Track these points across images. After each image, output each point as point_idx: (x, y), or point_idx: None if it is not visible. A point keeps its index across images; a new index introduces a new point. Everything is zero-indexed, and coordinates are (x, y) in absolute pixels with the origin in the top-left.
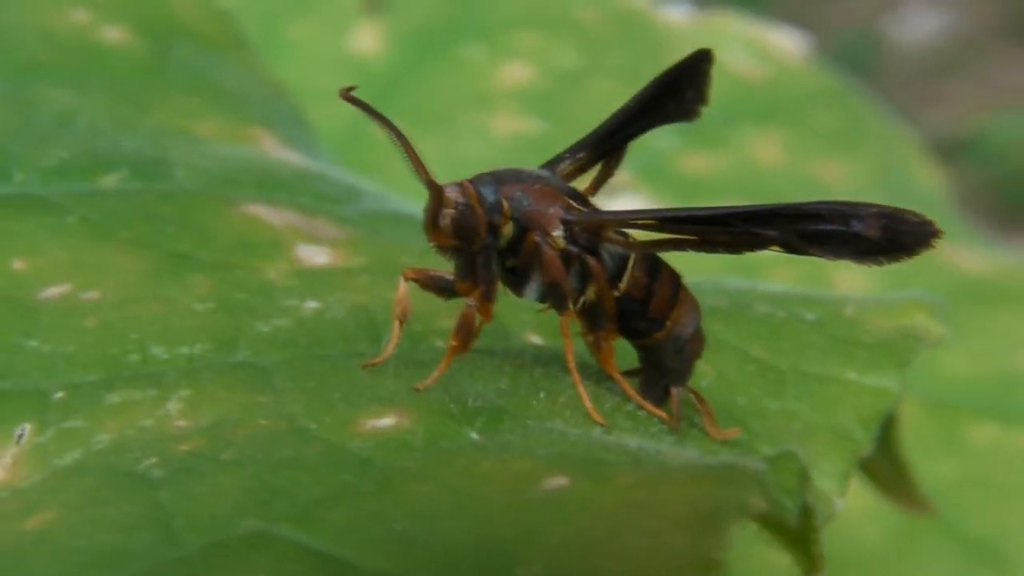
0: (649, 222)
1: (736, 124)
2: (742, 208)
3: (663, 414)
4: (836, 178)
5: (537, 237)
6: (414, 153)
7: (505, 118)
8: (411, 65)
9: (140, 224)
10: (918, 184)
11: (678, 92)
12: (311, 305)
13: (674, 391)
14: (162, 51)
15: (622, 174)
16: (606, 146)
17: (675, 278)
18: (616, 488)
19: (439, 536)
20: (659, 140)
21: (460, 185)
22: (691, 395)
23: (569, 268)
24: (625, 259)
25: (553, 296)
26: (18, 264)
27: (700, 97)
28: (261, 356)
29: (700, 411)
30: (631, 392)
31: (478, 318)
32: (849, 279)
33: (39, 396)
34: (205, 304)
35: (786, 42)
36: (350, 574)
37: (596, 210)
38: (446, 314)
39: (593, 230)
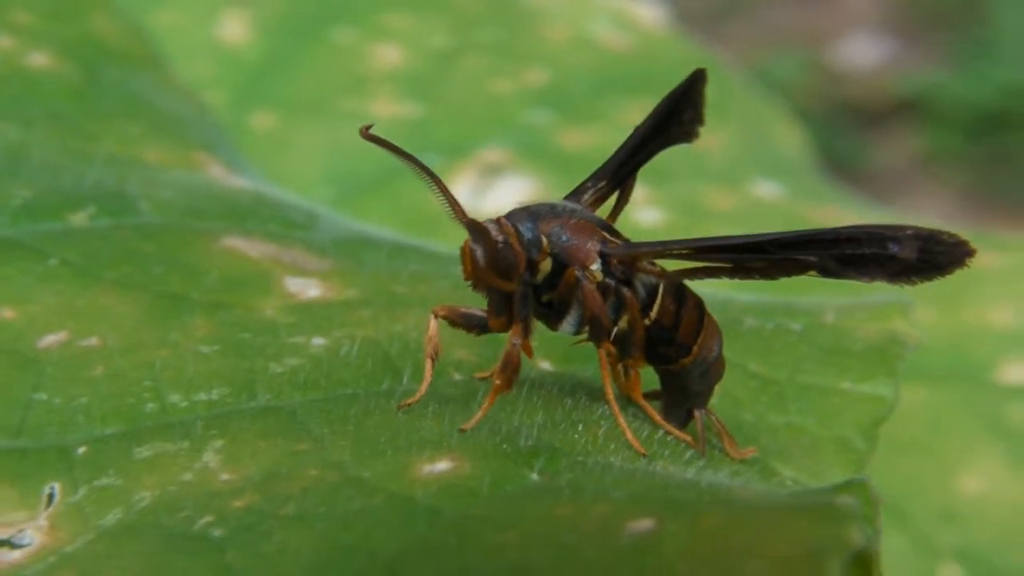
0: (684, 252)
1: (608, 96)
2: (780, 234)
3: (688, 438)
4: (712, 147)
5: (577, 272)
6: (448, 192)
7: (383, 102)
8: (282, 52)
9: (123, 264)
10: (784, 149)
11: (679, 114)
12: (319, 342)
13: (697, 414)
14: (91, 74)
15: (500, 152)
16: (622, 173)
17: (699, 303)
18: (708, 530)
19: None
20: (534, 117)
21: (498, 223)
22: (709, 417)
23: (606, 300)
24: (655, 287)
25: (594, 329)
26: (8, 313)
27: (698, 118)
28: (283, 399)
29: (717, 432)
30: (658, 418)
31: (522, 356)
32: None
33: (60, 453)
34: (211, 347)
35: (648, 13)
36: None
37: (632, 242)
38: (460, 345)
39: (628, 262)
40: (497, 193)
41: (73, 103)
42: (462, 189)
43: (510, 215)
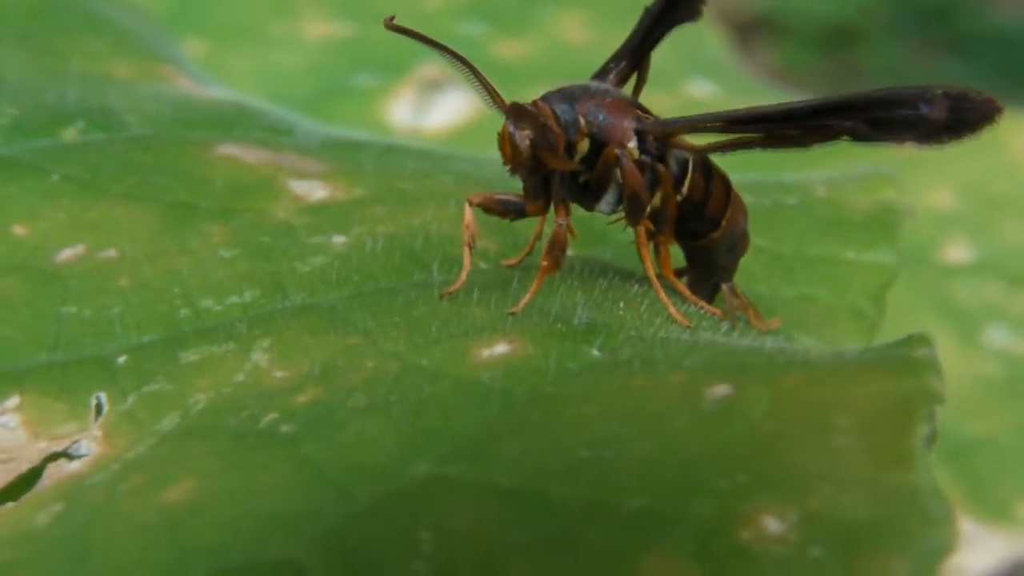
0: (718, 124)
1: (538, 6)
2: (813, 102)
3: (717, 311)
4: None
5: (617, 150)
6: (483, 77)
7: (313, 22)
8: None
9: (127, 177)
10: (710, 49)
11: None
12: (339, 240)
13: (725, 287)
14: None
15: (436, 68)
16: (639, 53)
17: (726, 178)
18: (789, 391)
19: (632, 459)
20: (467, 28)
21: (535, 105)
22: (735, 290)
23: (642, 177)
24: (685, 163)
25: (632, 206)
26: (19, 230)
27: None
28: (319, 296)
29: (742, 305)
30: (688, 293)
31: (568, 236)
32: None
33: (101, 363)
34: (232, 251)
35: None
36: (551, 507)
37: (666, 118)
38: (483, 234)
39: (663, 138)
40: (439, 109)
41: (37, 22)
42: (403, 107)
43: (545, 97)
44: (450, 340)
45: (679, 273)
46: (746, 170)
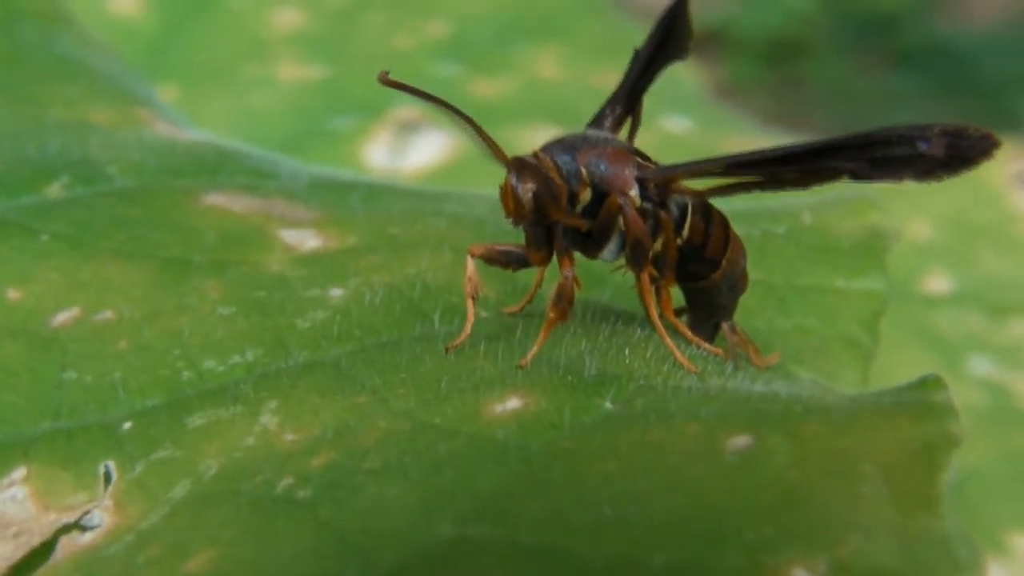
0: (718, 169)
1: (512, 44)
2: (813, 143)
3: (720, 351)
4: (612, 84)
5: (619, 199)
6: (483, 131)
7: (288, 65)
8: (178, 21)
9: (116, 233)
10: (682, 81)
11: (673, 32)
12: (337, 293)
13: (725, 327)
14: (11, 35)
15: (412, 109)
16: (633, 97)
17: (724, 218)
18: (811, 439)
19: (656, 515)
20: (443, 69)
21: (536, 157)
22: (735, 329)
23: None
24: (685, 207)
25: (635, 254)
26: (13, 293)
27: (689, 32)
28: (322, 353)
29: (742, 343)
30: (690, 335)
31: (575, 287)
32: None
33: (106, 430)
34: (229, 308)
35: None
36: (576, 566)
37: (667, 165)
38: (484, 283)
39: (664, 184)
40: (416, 151)
41: (11, 68)
42: (380, 150)
43: (546, 148)
44: (461, 396)
45: (678, 312)
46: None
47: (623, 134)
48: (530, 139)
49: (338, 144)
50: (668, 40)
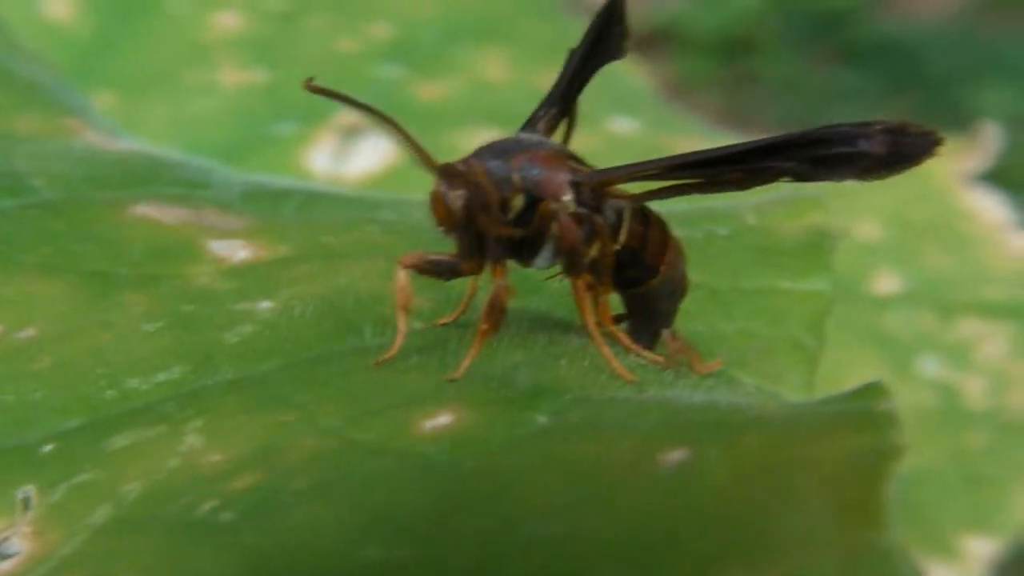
0: (656, 172)
1: (456, 45)
2: (753, 143)
3: (660, 359)
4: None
5: (552, 205)
6: (410, 136)
7: (228, 70)
8: (114, 27)
9: (41, 246)
10: (627, 81)
11: (608, 31)
12: (266, 306)
13: (666, 334)
14: None
15: (353, 115)
16: (568, 98)
17: (662, 221)
18: (748, 452)
19: (590, 532)
20: (386, 71)
21: (465, 163)
22: (675, 335)
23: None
24: (622, 211)
25: (570, 261)
26: None
27: (625, 31)
28: (249, 369)
29: (683, 349)
30: (629, 343)
31: (507, 297)
32: None
33: (25, 453)
34: (154, 324)
35: None
36: None
37: (602, 168)
38: (415, 291)
39: (599, 188)
40: (360, 156)
41: None
42: (323, 155)
43: (476, 153)
44: (390, 412)
45: (619, 319)
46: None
47: (558, 136)
48: (475, 143)
49: (281, 150)
50: (604, 39)
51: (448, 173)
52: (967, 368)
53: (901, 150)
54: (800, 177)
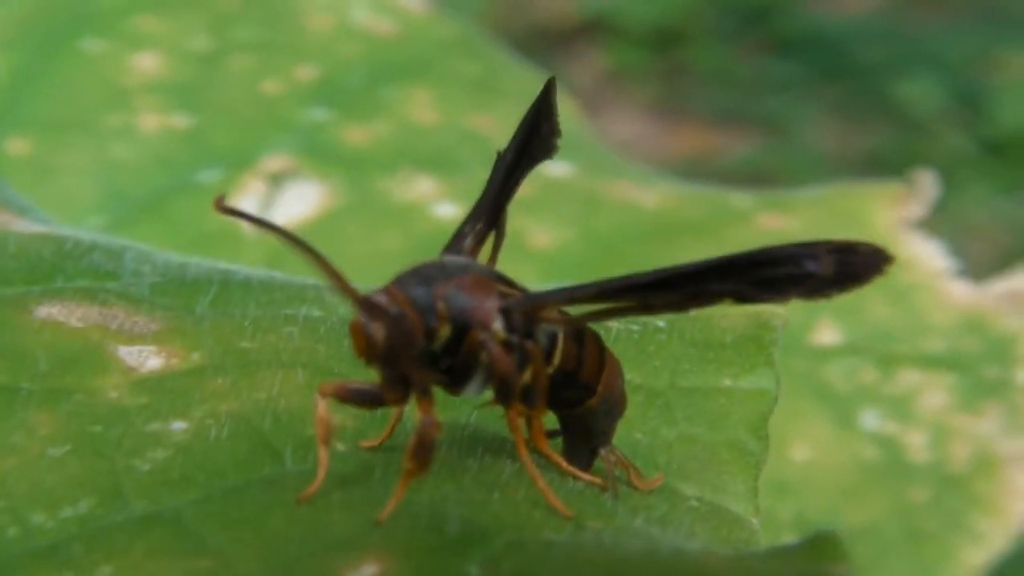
0: (590, 295)
1: (383, 87)
2: (691, 267)
3: (599, 481)
4: (490, 128)
5: (481, 335)
6: (329, 265)
7: (149, 115)
8: (28, 69)
9: None
10: (567, 124)
11: (537, 130)
12: (179, 427)
13: (603, 452)
14: None
15: (283, 159)
16: (496, 209)
17: (597, 338)
18: None
19: None
20: (313, 114)
21: (387, 292)
22: (613, 453)
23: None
24: (555, 333)
25: (502, 390)
26: None
27: (555, 130)
28: (161, 502)
29: (622, 465)
30: (565, 466)
31: (436, 434)
32: (543, 239)
33: None
34: (61, 448)
35: None
36: None
37: (533, 293)
38: (334, 409)
39: (530, 313)
40: (287, 203)
41: None
42: (250, 202)
43: (399, 281)
44: (312, 560)
45: (553, 434)
46: None
47: (486, 252)
48: (406, 188)
49: (205, 198)
50: (533, 140)
51: (369, 304)
52: (908, 421)
53: (849, 269)
54: (743, 299)
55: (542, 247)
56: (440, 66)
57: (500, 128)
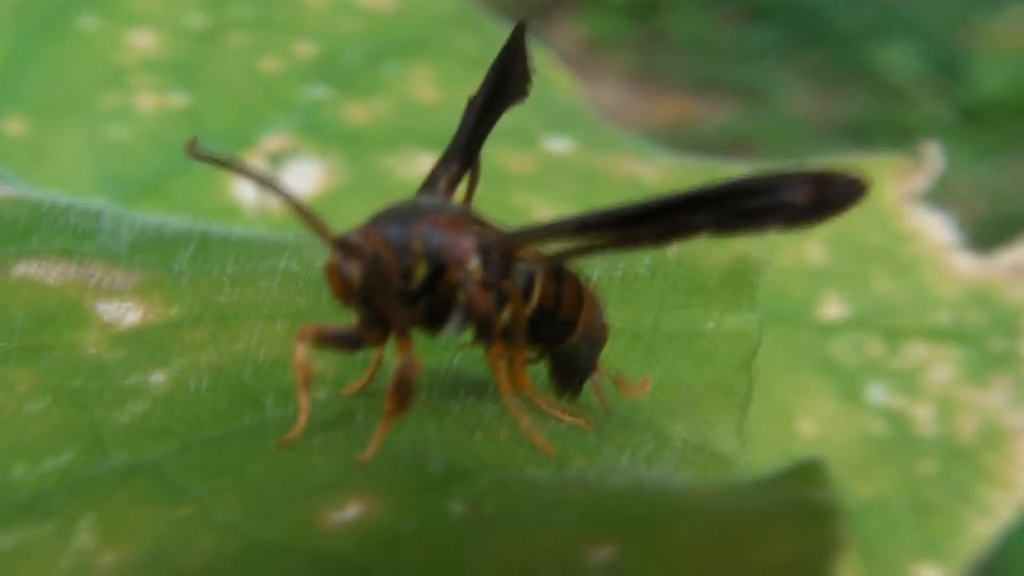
0: (568, 231)
1: (383, 64)
2: (669, 198)
3: (582, 422)
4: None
5: (458, 274)
6: (304, 208)
7: (147, 94)
8: (24, 49)
9: None
10: (564, 97)
11: (508, 73)
12: (159, 379)
13: (593, 381)
14: None
15: (283, 138)
16: (470, 150)
17: (576, 278)
18: (680, 551)
19: None
20: (313, 93)
21: (363, 232)
22: (600, 379)
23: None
24: (532, 272)
25: (482, 330)
26: None
27: (527, 73)
28: (142, 453)
29: (606, 376)
30: (546, 407)
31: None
32: (547, 215)
33: None
34: (40, 402)
35: None
36: None
37: (508, 232)
38: (316, 358)
39: (507, 251)
40: (288, 181)
41: None
42: (249, 184)
43: (375, 221)
44: (294, 504)
45: (536, 361)
46: None
47: (462, 190)
48: (407, 166)
49: (203, 180)
50: (505, 82)
51: (344, 244)
52: (915, 395)
53: (826, 199)
54: (721, 230)
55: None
56: (439, 42)
57: None
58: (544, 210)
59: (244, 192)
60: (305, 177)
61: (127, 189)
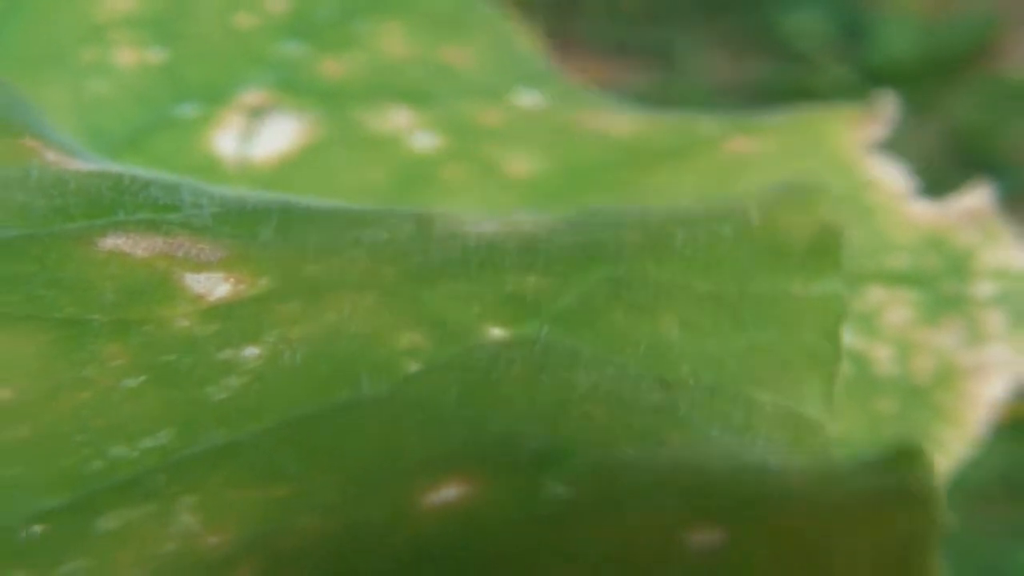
0: None
1: (356, 20)
2: None
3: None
4: (463, 61)
5: None
6: None
7: (127, 50)
8: (6, 4)
9: (7, 294)
10: (528, 56)
11: None
12: (252, 352)
13: None
14: None
15: (260, 94)
16: None
17: None
18: (789, 534)
19: None
20: (287, 48)
21: None
22: None
23: None
24: None
25: None
26: None
27: None
28: (238, 431)
29: None
30: None
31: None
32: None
33: (8, 536)
34: (135, 378)
35: None
36: None
37: None
38: (407, 325)
39: None
40: (267, 137)
41: None
42: (229, 137)
43: None
44: (389, 485)
45: None
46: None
47: None
48: (382, 121)
49: (184, 133)
50: None
51: None
52: (874, 336)
53: None
54: None
55: (520, 176)
56: None
57: (470, 61)
58: (516, 163)
59: (225, 145)
60: (284, 133)
61: (110, 143)
